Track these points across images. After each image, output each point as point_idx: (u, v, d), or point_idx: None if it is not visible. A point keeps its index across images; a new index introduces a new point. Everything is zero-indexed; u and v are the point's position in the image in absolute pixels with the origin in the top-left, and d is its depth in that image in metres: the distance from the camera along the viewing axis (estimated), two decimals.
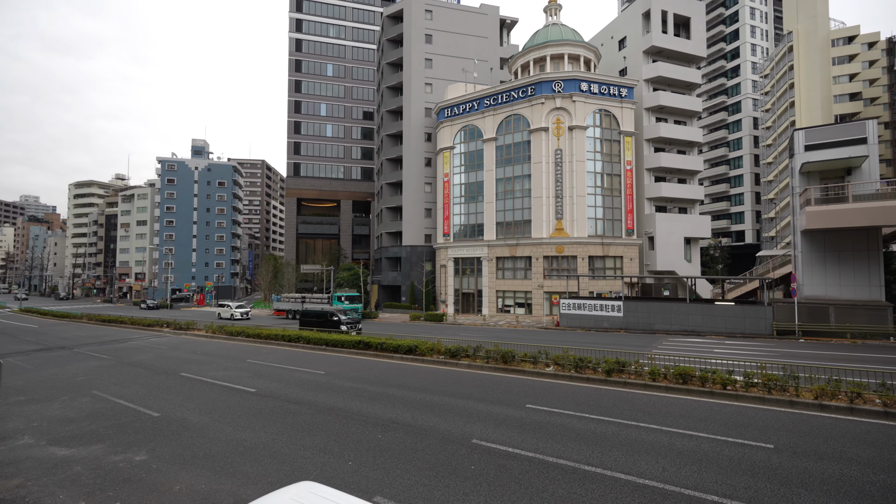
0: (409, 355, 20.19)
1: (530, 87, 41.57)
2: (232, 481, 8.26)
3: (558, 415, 11.78)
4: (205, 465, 9.02)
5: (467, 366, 18.24)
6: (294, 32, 74.65)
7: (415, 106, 52.13)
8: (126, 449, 10.06)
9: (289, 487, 4.45)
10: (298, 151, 73.72)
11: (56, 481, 8.47)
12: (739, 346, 23.27)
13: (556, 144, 40.87)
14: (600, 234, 40.54)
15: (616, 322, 30.22)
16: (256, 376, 17.65)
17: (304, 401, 13.82)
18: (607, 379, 14.82)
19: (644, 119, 43.83)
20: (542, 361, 17.07)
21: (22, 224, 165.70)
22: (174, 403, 13.83)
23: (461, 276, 45.94)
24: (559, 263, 40.60)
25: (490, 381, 15.83)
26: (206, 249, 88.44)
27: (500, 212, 43.62)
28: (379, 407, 12.90)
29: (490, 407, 12.64)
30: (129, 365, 20.71)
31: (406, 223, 51.63)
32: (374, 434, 10.64)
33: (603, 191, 41.13)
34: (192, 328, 33.72)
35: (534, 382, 15.54)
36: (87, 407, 13.64)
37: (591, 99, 40.78)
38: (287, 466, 8.88)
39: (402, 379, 16.57)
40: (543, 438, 10.04)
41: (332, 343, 23.25)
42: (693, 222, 43.67)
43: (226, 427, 11.43)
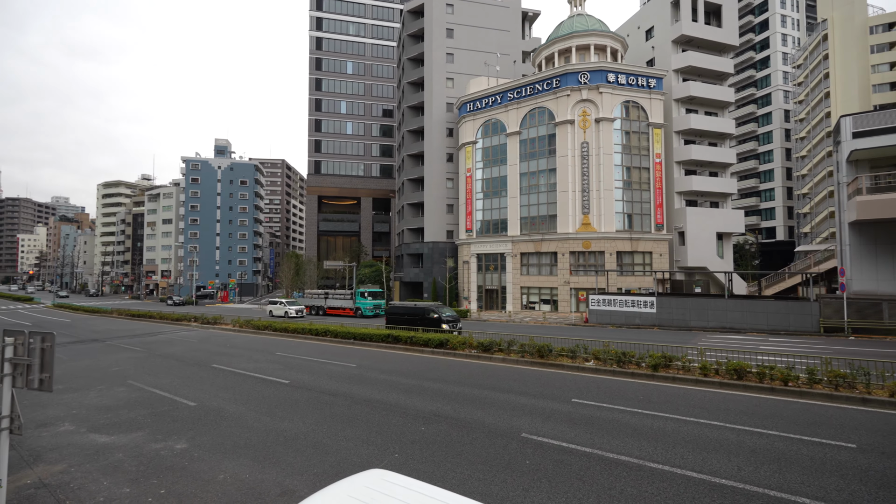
0: (439, 349, 19.75)
1: (555, 79, 40.70)
2: (276, 471, 7.95)
3: (608, 410, 11.16)
4: (246, 455, 8.75)
5: (501, 360, 17.71)
6: (314, 31, 75.07)
7: (436, 101, 51.71)
8: (166, 437, 9.88)
9: (360, 475, 4.14)
10: (319, 149, 74.13)
11: (99, 468, 8.31)
12: (785, 344, 22.14)
13: (583, 137, 39.92)
14: (628, 229, 39.45)
15: (649, 318, 29.25)
16: (287, 368, 17.47)
17: (338, 392, 13.52)
18: (654, 374, 14.10)
19: (673, 110, 42.48)
20: (580, 356, 16.42)
21: (53, 224, 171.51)
22: (209, 393, 13.68)
23: (484, 272, 45.35)
24: (586, 259, 39.66)
25: (528, 376, 15.27)
26: (229, 247, 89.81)
27: (524, 207, 42.87)
28: (417, 399, 12.49)
29: (534, 401, 12.10)
30: (161, 357, 20.83)
31: (428, 219, 51.27)
32: (416, 426, 10.23)
33: (631, 184, 39.98)
34: (220, 322, 34.00)
35: (574, 377, 14.92)
36: (124, 396, 13.60)
37: (618, 90, 39.69)
38: (331, 457, 8.53)
39: (436, 372, 16.14)
40: (598, 434, 9.46)
41: (361, 337, 22.98)
42: (725, 217, 42.17)
43: (263, 417, 11.18)
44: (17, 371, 4.70)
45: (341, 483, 3.96)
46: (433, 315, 26.18)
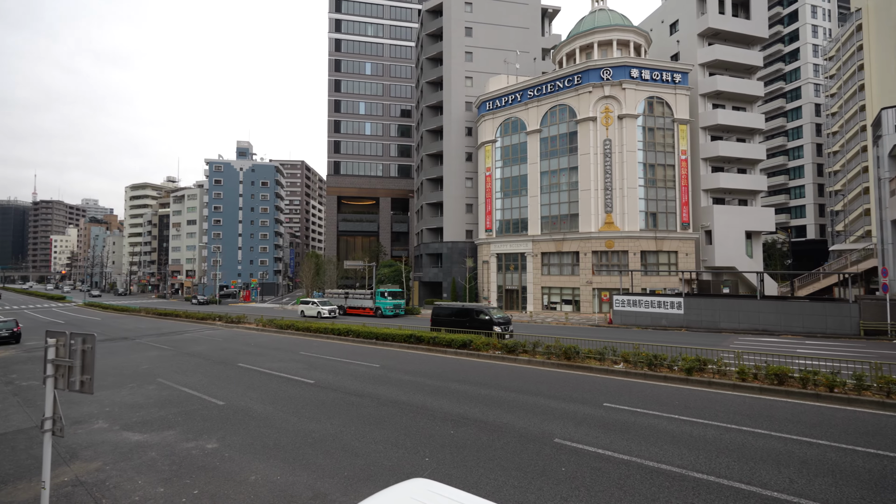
0: (463, 350, 19.55)
1: (576, 75, 40.01)
2: (307, 474, 7.87)
3: (643, 415, 10.77)
4: (277, 456, 8.71)
5: (527, 361, 17.40)
6: (334, 33, 75.71)
7: (455, 100, 51.49)
8: (197, 436, 9.93)
9: (403, 484, 4.00)
10: (338, 150, 74.75)
11: (133, 466, 8.37)
12: (824, 347, 21.22)
13: (605, 134, 39.14)
14: (653, 228, 38.51)
15: (676, 320, 28.46)
16: (312, 368, 17.52)
17: (364, 393, 13.45)
18: (688, 378, 13.61)
19: (699, 106, 41.30)
20: (609, 358, 15.98)
21: (84, 225, 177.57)
22: (236, 393, 13.78)
23: (504, 272, 44.94)
24: (609, 259, 38.88)
25: (555, 378, 14.94)
26: (251, 247, 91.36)
27: (545, 206, 42.29)
28: (444, 401, 12.31)
29: (564, 404, 11.79)
30: (188, 355, 21.17)
31: (447, 219, 51.11)
32: (445, 429, 10.05)
33: (656, 182, 39.02)
34: (243, 321, 34.50)
35: (604, 380, 14.53)
36: (154, 394, 13.80)
37: (641, 86, 38.78)
38: (361, 460, 8.41)
39: (461, 374, 15.94)
40: (634, 440, 9.11)
41: (383, 337, 22.94)
42: (754, 215, 40.82)
43: (291, 417, 11.17)
44: (58, 372, 4.69)
45: (386, 492, 3.75)
46: (483, 316, 24.13)
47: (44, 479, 5.02)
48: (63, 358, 4.60)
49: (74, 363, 4.54)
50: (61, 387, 4.70)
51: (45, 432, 4.76)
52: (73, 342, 4.61)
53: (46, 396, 4.65)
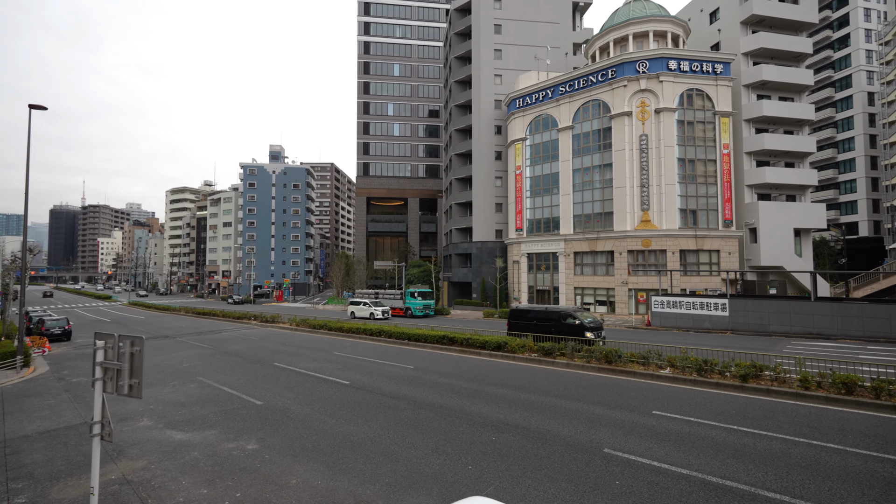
0: (497, 352, 19.11)
1: (611, 69, 38.76)
2: (348, 479, 7.67)
3: (698, 425, 10.08)
4: (316, 459, 8.57)
5: (565, 365, 16.80)
6: (363, 35, 76.54)
7: (484, 98, 50.96)
8: (237, 437, 9.93)
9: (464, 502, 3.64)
10: (367, 151, 75.48)
11: (177, 466, 8.40)
12: (891, 353, 19.59)
13: (641, 129, 37.73)
14: (693, 226, 36.83)
15: (720, 322, 27.04)
16: (346, 368, 17.49)
17: (399, 395, 13.23)
18: (743, 385, 12.73)
19: (743, 97, 39.26)
20: (653, 363, 15.20)
21: (128, 228, 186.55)
22: (274, 392, 13.84)
23: (535, 272, 44.08)
24: (646, 258, 37.46)
25: (596, 383, 14.31)
26: (283, 248, 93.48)
27: (577, 204, 41.18)
28: (482, 406, 11.94)
29: (610, 412, 11.20)
30: (226, 354, 21.60)
31: (476, 219, 50.64)
32: (486, 435, 9.68)
33: (696, 178, 37.30)
34: (277, 321, 35.13)
35: (649, 386, 13.80)
36: (196, 392, 14.02)
37: (680, 78, 37.17)
38: (402, 466, 8.15)
39: (497, 377, 15.52)
40: (692, 452, 8.48)
41: (415, 338, 22.76)
42: (803, 211, 38.47)
43: (328, 419, 11.06)
44: (107, 376, 4.60)
45: None
46: (572, 321, 20.78)
47: (93, 485, 4.96)
48: (111, 361, 4.49)
49: (123, 366, 4.44)
50: (109, 390, 4.61)
51: (93, 437, 4.68)
52: (122, 344, 4.50)
53: (95, 400, 4.59)
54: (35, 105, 19.37)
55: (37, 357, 21.64)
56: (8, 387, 15.90)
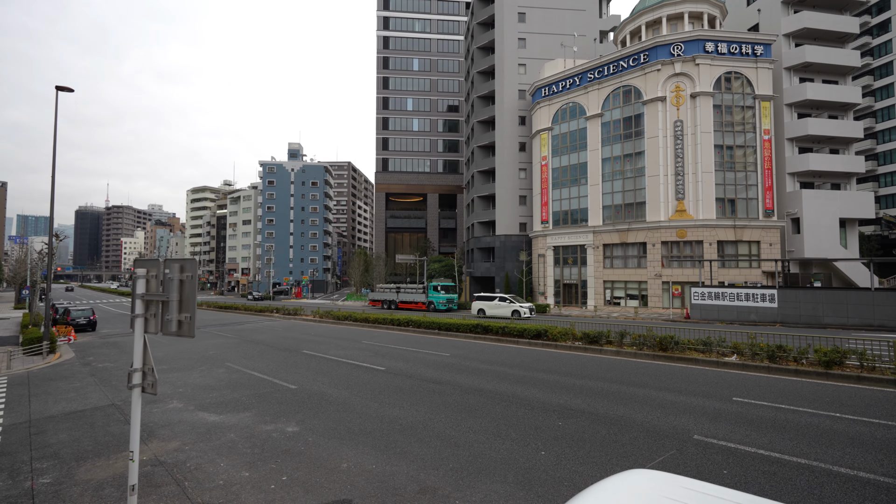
0: (536, 340, 18.00)
1: (643, 53, 37.16)
2: (405, 463, 6.72)
3: (791, 412, 8.85)
4: (365, 443, 7.64)
5: (615, 353, 15.61)
6: (382, 30, 76.03)
7: (507, 89, 49.72)
8: (275, 419, 9.10)
9: (623, 475, 2.92)
10: (386, 147, 74.91)
11: (213, 447, 7.58)
12: None
13: (676, 115, 36.06)
14: (731, 216, 35.00)
15: (768, 314, 25.38)
16: (378, 355, 16.62)
17: (441, 381, 12.27)
18: (827, 372, 11.40)
19: (784, 80, 37.24)
20: (716, 349, 13.91)
21: (150, 228, 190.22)
22: (307, 377, 13.02)
23: (562, 265, 42.65)
24: (681, 250, 35.75)
25: (655, 370, 13.11)
26: (301, 246, 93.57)
27: (607, 194, 39.64)
28: (534, 391, 10.90)
29: (682, 398, 10.04)
30: (252, 343, 20.96)
31: (499, 212, 49.41)
32: (550, 420, 8.64)
33: (734, 166, 35.44)
34: (300, 313, 34.58)
35: (716, 373, 12.55)
36: (224, 377, 13.29)
37: (717, 60, 35.40)
38: (464, 451, 7.16)
39: (543, 364, 14.43)
40: (801, 441, 7.30)
41: (445, 327, 21.78)
42: (850, 200, 36.27)
43: (370, 403, 10.15)
44: (149, 311, 3.68)
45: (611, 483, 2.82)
46: None
47: (132, 449, 4.07)
48: (155, 293, 3.57)
49: (171, 297, 3.50)
50: (152, 329, 3.69)
51: (132, 388, 3.78)
52: (169, 271, 3.59)
53: (135, 342, 3.68)
54: (62, 87, 18.96)
55: (62, 345, 21.36)
56: (34, 371, 15.47)
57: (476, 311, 35.07)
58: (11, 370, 15.60)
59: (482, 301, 35.07)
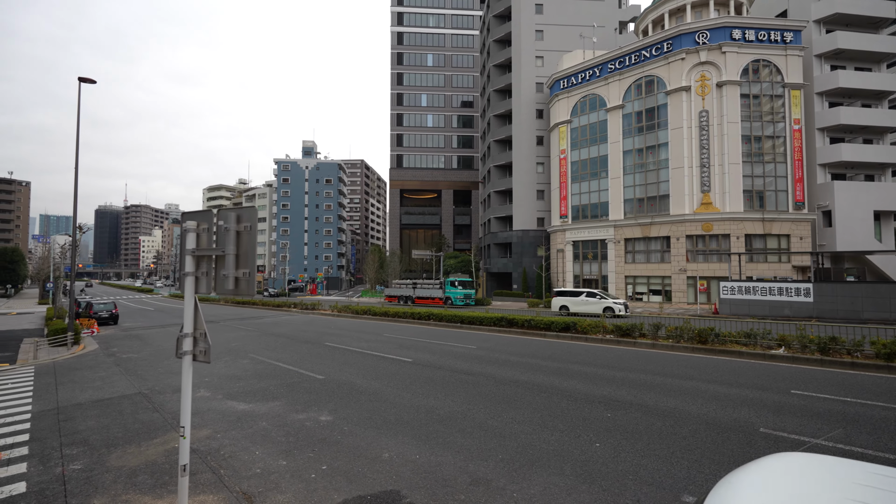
0: (565, 333, 17.42)
1: (666, 42, 36.15)
2: (451, 454, 6.28)
3: (861, 405, 8.22)
4: (404, 433, 7.23)
5: (650, 345, 14.98)
6: (396, 26, 75.73)
7: (525, 81, 48.98)
8: (305, 408, 8.74)
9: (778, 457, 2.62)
10: (401, 143, 74.62)
11: (246, 435, 7.25)
12: None
13: (701, 105, 35.00)
14: (759, 209, 33.85)
15: (803, 309, 24.38)
16: (403, 348, 16.23)
17: (473, 371, 11.82)
18: (889, 365, 10.67)
19: (815, 68, 35.90)
20: (759, 343, 13.21)
21: (167, 226, 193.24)
22: (333, 368, 12.68)
23: (581, 260, 41.85)
24: (706, 244, 34.72)
25: (697, 362, 12.47)
26: (316, 243, 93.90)
27: (628, 188, 38.74)
28: (573, 383, 10.38)
29: (735, 390, 9.44)
30: (273, 335, 20.76)
31: (517, 206, 48.75)
32: (598, 412, 8.14)
33: (763, 157, 34.26)
34: (318, 308, 34.45)
35: (763, 366, 11.87)
36: (250, 367, 13.02)
37: (744, 48, 34.24)
38: (511, 442, 6.70)
39: (576, 356, 13.88)
40: (882, 435, 6.70)
41: (468, 321, 21.32)
42: (885, 192, 34.79)
43: (403, 393, 9.74)
44: (200, 269, 3.27)
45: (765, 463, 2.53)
46: None
47: (183, 425, 3.69)
48: (207, 247, 3.14)
49: (227, 250, 3.11)
50: (204, 289, 3.27)
51: (183, 355, 3.38)
52: (223, 221, 3.19)
53: (185, 303, 3.24)
54: (84, 78, 18.92)
55: (86, 337, 21.41)
56: (60, 361, 15.42)
57: (558, 307, 30.37)
58: (38, 360, 15.59)
59: (565, 297, 30.73)
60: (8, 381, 12.24)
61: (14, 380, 12.31)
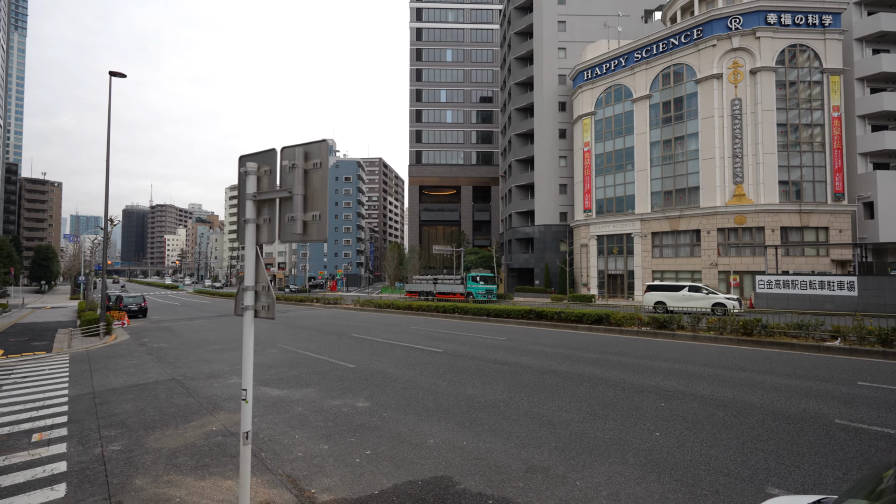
0: (598, 325, 16.85)
1: (696, 29, 34.90)
2: (501, 441, 5.92)
3: None
4: (447, 419, 6.90)
5: (690, 337, 14.32)
6: (415, 22, 75.50)
7: (547, 74, 48.09)
8: (340, 395, 8.50)
9: None
10: (420, 139, 74.42)
11: (283, 420, 7.03)
12: None
13: (733, 93, 33.67)
14: (796, 200, 32.40)
15: (847, 303, 23.16)
16: (431, 339, 15.93)
17: (508, 362, 11.43)
18: None
19: (855, 52, 34.15)
20: (811, 335, 12.44)
21: (191, 225, 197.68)
22: (363, 358, 12.45)
23: (606, 255, 40.88)
24: (739, 237, 33.42)
25: (746, 354, 11.80)
26: (335, 241, 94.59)
27: (655, 180, 37.60)
28: (618, 373, 9.89)
29: (796, 382, 8.82)
30: (299, 328, 20.77)
31: (539, 201, 47.95)
32: (650, 402, 7.66)
33: (800, 146, 32.77)
34: (340, 303, 34.50)
35: (818, 358, 11.16)
36: (279, 356, 12.90)
37: (780, 33, 32.78)
38: (563, 431, 6.29)
39: (612, 347, 13.35)
40: None
41: (495, 313, 20.90)
42: None
43: (439, 381, 9.42)
44: (261, 216, 2.93)
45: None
46: None
47: (245, 387, 3.41)
48: (269, 190, 2.82)
49: (294, 191, 2.77)
50: (265, 238, 2.94)
51: (245, 310, 3.08)
52: (288, 161, 2.86)
53: (246, 253, 2.92)
54: (115, 72, 19.16)
55: (117, 328, 21.77)
56: (93, 350, 15.62)
57: (652, 304, 25.79)
58: (72, 349, 15.83)
59: (660, 291, 26.37)
60: (45, 367, 12.39)
61: (50, 366, 12.45)
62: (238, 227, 3.09)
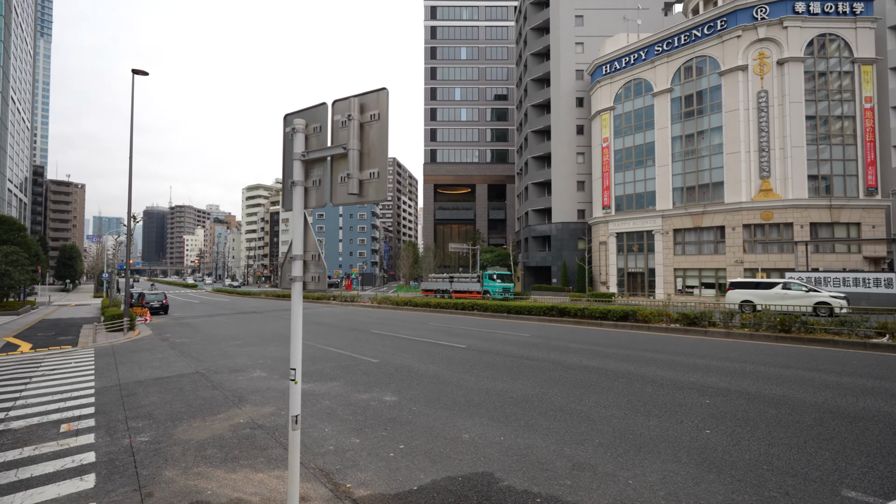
0: (624, 322, 16.38)
1: (719, 20, 33.93)
2: (540, 437, 5.63)
3: None
4: (479, 414, 6.62)
5: (723, 334, 13.78)
6: (429, 20, 75.32)
7: (564, 69, 47.42)
8: (367, 389, 8.28)
9: None
10: (434, 138, 74.23)
11: (311, 413, 6.85)
12: None
13: (759, 85, 32.64)
14: (826, 195, 31.25)
15: (885, 301, 22.14)
16: (452, 335, 15.66)
17: (535, 357, 11.11)
18: None
19: (889, 41, 32.81)
20: (856, 332, 11.82)
21: (209, 225, 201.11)
22: (385, 353, 12.25)
23: (625, 253, 40.07)
24: (766, 233, 32.39)
25: (786, 352, 11.25)
26: (350, 240, 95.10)
27: (677, 175, 36.69)
28: (653, 369, 9.49)
29: (847, 379, 8.33)
30: (318, 324, 20.68)
31: (556, 198, 47.30)
32: (693, 398, 7.27)
33: (829, 138, 31.58)
34: (357, 300, 34.46)
35: (865, 355, 10.59)
36: (302, 351, 12.75)
37: (808, 22, 31.66)
38: (604, 427, 5.96)
39: (641, 344, 12.90)
40: None
41: (516, 310, 20.53)
42: None
43: (466, 376, 9.14)
44: (311, 178, 2.69)
45: None
46: None
47: (293, 367, 3.19)
48: (319, 147, 2.55)
49: (349, 146, 2.46)
50: (314, 202, 2.68)
51: (293, 280, 2.83)
52: (341, 115, 2.59)
53: (294, 219, 2.65)
54: (137, 70, 19.32)
55: (140, 324, 22.02)
56: (117, 344, 15.73)
57: (738, 303, 22.51)
58: (97, 343, 15.97)
59: (747, 289, 23.28)
60: (71, 360, 12.47)
61: (77, 360, 12.53)
62: (283, 191, 2.84)
